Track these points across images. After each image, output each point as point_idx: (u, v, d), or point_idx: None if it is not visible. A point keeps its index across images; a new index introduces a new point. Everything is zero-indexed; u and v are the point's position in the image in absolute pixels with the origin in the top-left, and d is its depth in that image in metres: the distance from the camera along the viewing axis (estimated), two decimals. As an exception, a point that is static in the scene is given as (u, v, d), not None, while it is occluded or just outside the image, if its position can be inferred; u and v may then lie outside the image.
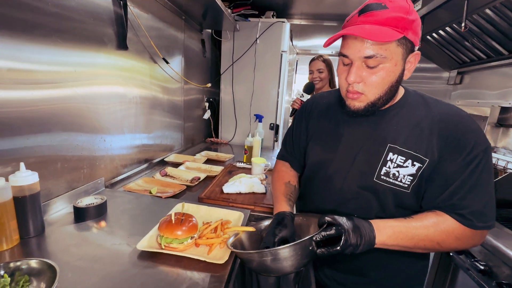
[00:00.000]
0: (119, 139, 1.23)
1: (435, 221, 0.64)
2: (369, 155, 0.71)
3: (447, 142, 0.64)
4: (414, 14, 0.60)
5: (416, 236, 0.64)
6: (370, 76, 0.63)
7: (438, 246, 0.65)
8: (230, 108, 2.44)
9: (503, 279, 0.95)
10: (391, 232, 0.63)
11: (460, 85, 2.57)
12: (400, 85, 0.68)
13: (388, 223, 0.65)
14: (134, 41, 1.25)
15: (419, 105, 0.70)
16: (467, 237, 0.65)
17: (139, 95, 1.35)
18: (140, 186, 1.21)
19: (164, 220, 0.75)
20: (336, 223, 0.61)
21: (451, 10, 1.87)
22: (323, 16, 2.71)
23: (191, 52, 1.96)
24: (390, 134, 0.69)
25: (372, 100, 0.66)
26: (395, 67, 0.62)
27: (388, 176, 0.68)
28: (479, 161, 0.62)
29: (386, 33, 0.57)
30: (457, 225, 0.64)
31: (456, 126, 0.64)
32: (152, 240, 0.75)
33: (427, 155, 0.65)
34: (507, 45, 1.85)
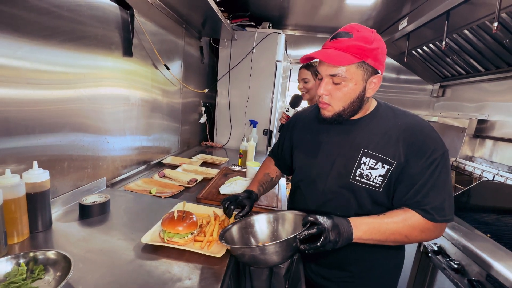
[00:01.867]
0: (121, 140, 1.28)
1: (403, 217, 0.74)
2: (345, 159, 0.81)
3: (411, 148, 0.74)
4: (376, 44, 0.71)
5: (388, 230, 0.73)
6: (335, 91, 0.75)
7: (406, 239, 0.75)
8: (226, 113, 2.52)
9: (474, 276, 1.05)
10: (366, 228, 0.72)
11: (442, 98, 2.74)
12: (363, 101, 0.78)
13: (364, 220, 0.74)
14: (138, 47, 1.32)
15: (388, 116, 0.81)
16: (429, 230, 0.75)
17: (141, 97, 1.41)
18: (139, 186, 1.26)
19: (167, 216, 0.81)
20: (317, 223, 0.68)
21: (434, 29, 2.03)
22: (316, 28, 2.85)
23: (190, 58, 2.04)
24: (363, 140, 0.80)
25: (337, 111, 0.78)
26: (355, 85, 0.74)
27: (362, 177, 0.78)
28: (437, 164, 0.73)
29: (344, 58, 0.70)
30: (421, 219, 0.73)
31: (419, 134, 0.75)
32: (155, 235, 0.81)
33: (395, 158, 0.75)
34: (483, 63, 2.02)
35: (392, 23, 2.39)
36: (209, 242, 0.79)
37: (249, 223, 0.86)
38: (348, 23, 0.76)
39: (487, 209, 1.43)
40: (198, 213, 0.95)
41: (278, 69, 2.35)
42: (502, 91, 1.98)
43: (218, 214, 0.95)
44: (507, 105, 1.91)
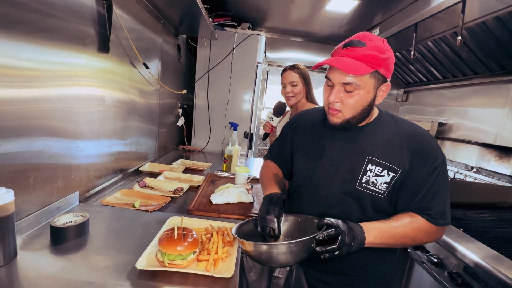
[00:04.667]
0: (95, 145, 1.12)
1: (409, 220, 0.77)
2: (351, 165, 0.82)
3: (415, 156, 0.77)
4: (388, 53, 0.72)
5: (397, 234, 0.75)
6: (347, 98, 0.75)
7: (413, 241, 0.78)
8: (205, 115, 2.41)
9: (452, 268, 1.14)
10: (377, 232, 0.74)
11: (406, 102, 2.98)
12: (372, 108, 0.80)
13: (374, 225, 0.75)
14: (115, 43, 1.17)
15: (390, 124, 0.84)
16: (433, 232, 0.79)
17: (117, 98, 1.26)
18: (119, 200, 1.12)
19: (165, 235, 0.72)
20: (334, 225, 0.69)
21: (402, 39, 2.19)
22: (290, 32, 2.89)
23: (167, 57, 1.90)
24: (368, 147, 0.81)
25: (347, 118, 0.78)
26: (367, 94, 0.74)
27: (368, 184, 0.79)
28: (439, 171, 0.77)
29: (361, 68, 0.70)
30: (426, 223, 0.77)
31: (421, 142, 0.79)
32: (151, 258, 0.71)
33: (400, 166, 0.78)
34: (442, 72, 2.24)
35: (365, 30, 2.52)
36: (214, 261, 0.72)
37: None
38: (323, 28, 0.78)
39: (454, 205, 1.57)
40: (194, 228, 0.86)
41: (258, 71, 2.32)
42: (458, 97, 2.21)
43: (215, 227, 0.88)
44: (463, 109, 2.14)
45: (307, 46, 3.27)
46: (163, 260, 0.68)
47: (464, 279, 1.06)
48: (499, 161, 1.77)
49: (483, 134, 1.92)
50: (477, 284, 1.01)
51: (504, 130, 1.76)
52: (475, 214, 1.46)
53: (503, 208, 1.56)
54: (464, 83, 2.11)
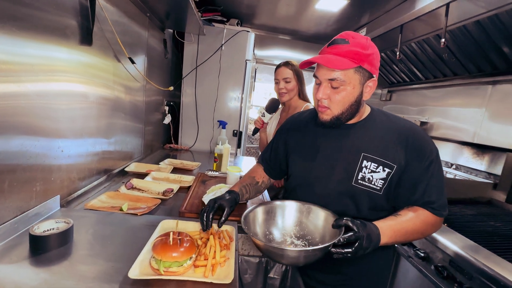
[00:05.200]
0: (77, 145, 1.04)
1: (416, 214, 0.79)
2: (346, 163, 0.82)
3: (410, 151, 0.78)
4: (371, 49, 0.74)
5: (408, 231, 0.77)
6: (334, 95, 0.77)
7: (421, 235, 0.80)
8: (192, 113, 2.34)
9: (438, 262, 1.19)
10: (391, 232, 0.74)
11: (389, 101, 3.07)
12: (360, 104, 0.81)
13: (387, 222, 0.76)
14: (98, 36, 1.09)
15: (382, 121, 0.85)
16: (437, 224, 0.81)
17: (101, 95, 1.18)
18: (105, 203, 1.05)
19: (159, 241, 0.68)
20: (354, 229, 0.68)
21: (388, 40, 2.24)
22: (278, 29, 2.88)
23: (153, 52, 1.81)
24: (362, 144, 0.82)
25: (336, 114, 0.79)
26: (353, 89, 0.76)
27: (364, 180, 0.80)
28: (434, 164, 0.78)
29: (343, 63, 0.72)
30: (431, 216, 0.79)
31: (415, 137, 0.80)
32: (145, 265, 0.67)
33: (395, 161, 0.79)
34: (424, 72, 2.32)
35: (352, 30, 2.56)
36: (212, 266, 0.69)
37: (274, 207, 0.86)
38: (310, 27, 0.81)
39: (437, 200, 1.65)
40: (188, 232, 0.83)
41: (248, 68, 2.28)
42: (438, 97, 2.31)
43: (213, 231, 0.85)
44: (443, 109, 2.24)
45: (294, 45, 3.28)
46: (158, 267, 0.64)
47: (450, 272, 1.11)
48: (476, 158, 1.87)
49: (462, 132, 2.02)
50: (461, 276, 1.06)
51: (481, 129, 1.86)
52: (456, 209, 1.53)
53: (481, 202, 1.65)
54: (444, 83, 2.20)
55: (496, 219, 1.39)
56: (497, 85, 1.78)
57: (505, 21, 1.41)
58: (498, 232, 1.25)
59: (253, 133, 1.66)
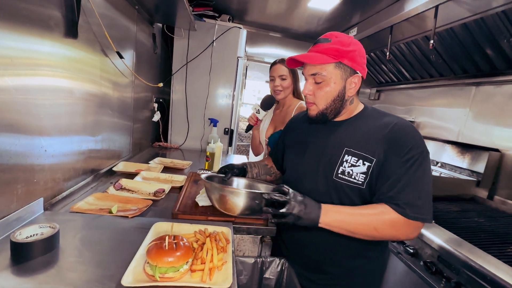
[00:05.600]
0: (62, 143, 0.98)
1: (377, 211, 0.74)
2: (329, 158, 0.84)
3: (390, 145, 0.76)
4: (353, 46, 0.78)
5: (358, 221, 0.75)
6: (317, 90, 0.81)
7: (376, 232, 0.74)
8: (182, 110, 2.28)
9: (427, 258, 1.22)
10: (336, 216, 0.76)
11: (378, 101, 3.14)
12: (344, 100, 0.83)
13: (337, 208, 0.77)
14: (84, 28, 1.03)
15: (373, 118, 0.85)
16: (400, 226, 0.73)
17: (87, 90, 1.11)
18: (92, 205, 1.00)
19: (154, 246, 0.65)
20: (286, 192, 0.75)
21: (377, 40, 2.28)
22: (269, 26, 2.86)
23: (142, 47, 1.74)
24: (346, 140, 0.83)
25: (321, 109, 0.83)
26: (335, 84, 0.79)
27: (344, 174, 0.80)
28: (414, 161, 0.73)
29: (321, 58, 0.76)
30: (394, 214, 0.73)
31: (398, 131, 0.77)
32: (138, 271, 0.64)
33: (374, 155, 0.77)
34: (411, 73, 2.38)
35: (343, 30, 2.58)
36: (209, 270, 0.67)
37: (229, 181, 1.05)
38: (301, 25, 0.86)
39: (425, 197, 1.70)
40: (183, 234, 0.80)
41: (239, 65, 2.25)
42: (425, 97, 2.38)
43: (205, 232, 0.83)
44: (429, 109, 2.31)
45: (285, 42, 3.27)
46: (154, 274, 0.61)
47: (438, 267, 1.14)
48: (460, 156, 1.95)
49: (447, 131, 2.09)
50: (449, 271, 1.09)
51: (465, 129, 1.94)
52: (442, 205, 1.59)
53: (465, 199, 1.72)
54: (431, 84, 2.27)
55: (479, 215, 1.45)
56: (480, 86, 1.85)
57: (490, 25, 1.46)
58: (482, 228, 1.30)
59: (246, 130, 1.62)
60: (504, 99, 1.69)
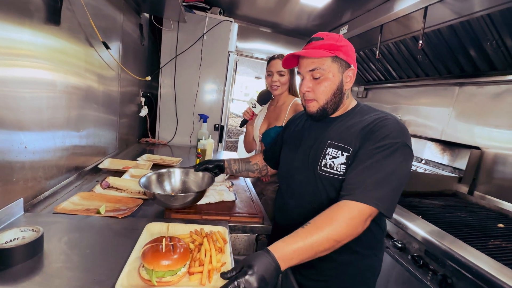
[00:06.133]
0: (43, 139, 0.92)
1: (329, 217, 0.66)
2: (315, 152, 0.86)
3: (366, 134, 0.76)
4: (344, 42, 0.81)
5: (317, 243, 0.63)
6: (317, 86, 0.82)
7: (338, 243, 0.66)
8: (171, 105, 2.21)
9: (414, 252, 1.27)
10: (290, 251, 0.61)
11: (365, 99, 3.20)
12: (343, 93, 0.85)
13: (285, 242, 0.62)
14: (67, 16, 0.95)
15: (362, 113, 0.85)
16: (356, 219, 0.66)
17: (71, 83, 1.04)
18: (78, 205, 0.94)
19: (149, 248, 0.62)
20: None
21: (367, 39, 2.31)
22: (260, 21, 2.83)
23: (128, 38, 1.66)
24: (331, 134, 0.85)
25: (322, 104, 0.84)
26: (333, 77, 0.81)
27: (326, 167, 0.82)
28: (385, 148, 0.70)
29: (319, 52, 0.78)
30: (348, 208, 0.66)
31: (378, 124, 0.76)
32: (133, 276, 0.61)
33: (351, 145, 0.77)
34: (398, 72, 2.44)
35: (334, 27, 2.60)
36: (208, 272, 0.65)
37: (166, 174, 1.09)
38: (292, 21, 0.87)
39: (412, 194, 1.76)
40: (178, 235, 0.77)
41: (230, 60, 2.21)
42: (411, 96, 2.45)
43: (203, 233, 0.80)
44: (415, 107, 2.38)
45: (275, 38, 3.25)
46: (150, 278, 0.58)
47: (425, 261, 1.19)
48: (444, 153, 2.03)
49: (431, 130, 2.17)
50: (435, 264, 1.14)
51: (448, 127, 2.02)
52: (427, 201, 1.65)
53: (448, 195, 1.79)
54: (416, 83, 2.34)
55: (461, 210, 1.52)
56: (463, 86, 1.93)
57: (475, 28, 1.51)
58: (464, 222, 1.36)
59: (241, 125, 1.58)
60: (486, 99, 1.77)
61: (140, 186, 0.90)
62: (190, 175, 1.13)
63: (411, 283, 1.26)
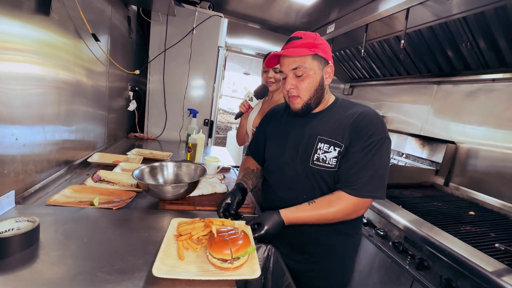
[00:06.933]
0: (34, 133, 0.91)
1: (329, 202, 0.84)
2: (306, 147, 0.90)
3: (355, 131, 0.84)
4: (321, 40, 0.86)
5: (315, 218, 0.84)
6: (300, 83, 0.86)
7: (329, 221, 0.85)
8: (160, 100, 2.19)
9: (395, 239, 1.36)
10: (296, 216, 0.83)
11: (351, 96, 3.31)
12: (324, 89, 0.90)
13: (293, 211, 0.84)
14: (57, 7, 0.94)
15: (344, 107, 0.92)
16: (351, 210, 0.83)
17: (60, 78, 1.03)
18: (70, 198, 0.94)
19: (215, 239, 0.67)
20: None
21: (353, 37, 2.39)
22: (248, 17, 2.84)
23: (117, 31, 1.63)
24: (319, 129, 0.90)
25: (305, 100, 0.88)
26: (315, 74, 0.86)
27: (318, 161, 0.87)
28: (373, 146, 0.81)
29: (300, 51, 0.83)
30: (346, 200, 0.82)
31: (363, 119, 0.84)
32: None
33: (343, 141, 0.85)
34: (382, 70, 2.54)
35: (321, 25, 2.66)
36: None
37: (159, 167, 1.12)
38: (280, 18, 0.90)
39: (393, 186, 1.86)
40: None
41: (220, 55, 2.22)
42: (393, 93, 2.57)
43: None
44: (397, 105, 2.50)
45: (264, 34, 3.27)
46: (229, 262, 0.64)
47: (404, 246, 1.28)
48: (423, 148, 2.16)
49: (411, 126, 2.29)
50: (414, 249, 1.23)
51: (427, 123, 2.14)
52: (407, 192, 1.76)
53: (426, 186, 1.92)
54: (399, 81, 2.45)
55: (438, 200, 1.64)
56: (441, 85, 2.05)
57: (452, 29, 1.61)
58: (440, 211, 1.47)
59: (236, 117, 1.60)
60: (460, 97, 1.89)
61: (134, 178, 0.92)
62: (183, 168, 1.15)
63: (392, 268, 1.35)
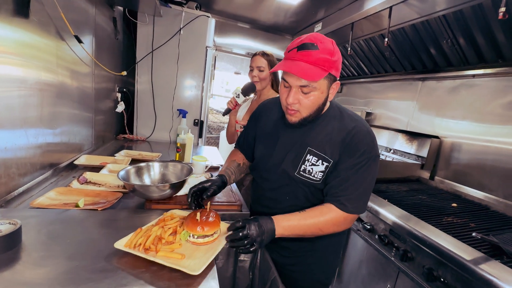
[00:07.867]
0: (16, 136, 0.90)
1: (320, 211, 0.84)
2: (295, 155, 0.90)
3: (346, 148, 0.84)
4: (337, 55, 0.78)
5: (306, 226, 0.82)
6: (304, 99, 0.81)
7: (320, 231, 0.84)
8: (148, 101, 2.19)
9: (381, 232, 1.40)
10: (287, 225, 0.80)
11: (340, 94, 3.35)
12: (325, 105, 0.86)
13: (286, 217, 0.82)
14: (36, 8, 0.93)
15: (336, 118, 0.90)
16: (341, 222, 0.85)
17: (42, 80, 1.02)
18: (55, 200, 0.94)
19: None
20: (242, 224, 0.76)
21: (340, 36, 2.43)
22: (237, 17, 2.85)
23: (102, 32, 1.62)
24: (310, 140, 0.89)
25: (304, 116, 0.84)
26: (321, 94, 0.81)
27: (305, 172, 0.88)
28: (364, 164, 0.82)
29: (316, 73, 0.75)
30: (335, 211, 0.83)
31: (353, 136, 0.84)
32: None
33: (332, 157, 0.85)
34: (369, 68, 2.59)
35: (309, 24, 2.69)
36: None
37: (145, 167, 1.12)
38: (269, 17, 0.84)
39: (380, 180, 1.90)
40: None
41: (208, 55, 2.22)
42: (380, 90, 2.62)
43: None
44: (384, 101, 2.55)
45: (254, 34, 3.29)
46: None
47: (390, 239, 1.32)
48: (409, 143, 2.21)
49: (398, 122, 2.34)
50: (398, 241, 1.27)
51: (413, 119, 2.19)
52: (394, 186, 1.80)
53: (412, 180, 1.97)
54: (385, 78, 2.50)
55: (423, 193, 1.69)
56: (425, 81, 2.10)
57: (434, 27, 1.66)
58: (424, 204, 1.51)
59: (224, 114, 1.62)
60: (443, 93, 1.95)
61: (119, 179, 0.92)
62: (169, 168, 1.15)
63: (379, 261, 1.39)
